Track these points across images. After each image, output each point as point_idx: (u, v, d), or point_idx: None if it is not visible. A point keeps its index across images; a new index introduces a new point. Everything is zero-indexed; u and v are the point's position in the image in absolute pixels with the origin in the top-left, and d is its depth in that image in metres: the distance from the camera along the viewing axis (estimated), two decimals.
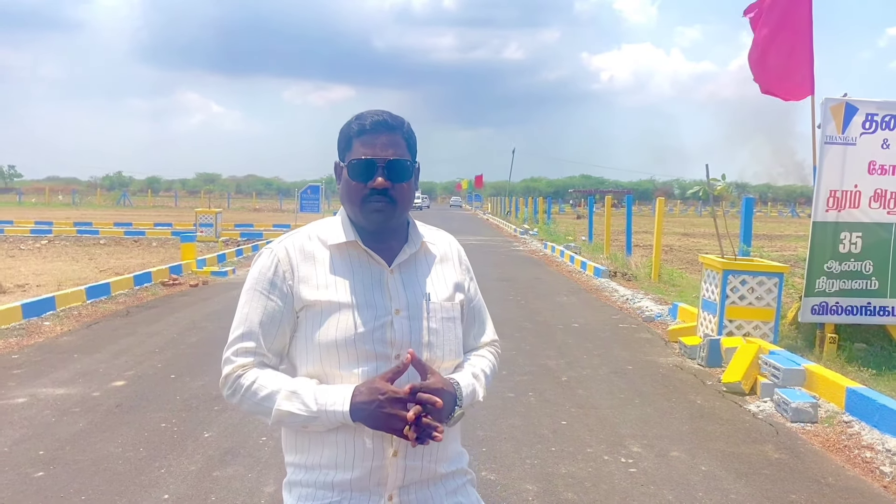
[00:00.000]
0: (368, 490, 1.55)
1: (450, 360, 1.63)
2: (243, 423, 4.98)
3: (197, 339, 7.64)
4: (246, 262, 15.95)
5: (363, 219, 1.58)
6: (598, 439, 4.83)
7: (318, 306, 1.56)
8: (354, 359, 1.54)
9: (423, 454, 1.57)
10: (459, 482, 1.68)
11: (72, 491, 3.85)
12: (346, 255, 1.61)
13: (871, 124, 6.99)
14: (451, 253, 1.74)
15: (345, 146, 1.62)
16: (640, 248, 18.05)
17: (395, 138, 1.59)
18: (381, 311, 1.56)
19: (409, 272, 1.63)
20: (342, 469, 1.54)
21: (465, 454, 1.74)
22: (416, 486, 1.58)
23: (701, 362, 7.02)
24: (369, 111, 1.61)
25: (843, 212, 7.03)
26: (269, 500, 3.80)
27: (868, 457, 4.61)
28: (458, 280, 1.71)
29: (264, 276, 1.60)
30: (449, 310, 1.65)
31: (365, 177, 1.55)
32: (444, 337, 1.62)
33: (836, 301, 7.09)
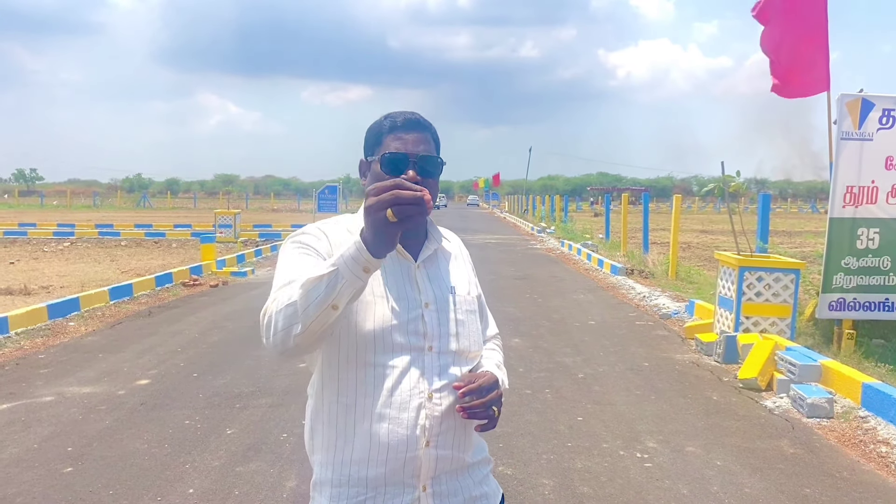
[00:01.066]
0: (402, 483, 1.56)
1: (475, 351, 1.70)
2: (265, 419, 5.08)
3: (218, 339, 7.77)
4: (265, 262, 16.10)
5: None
6: (613, 435, 4.88)
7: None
8: (390, 349, 1.56)
9: (452, 444, 1.60)
10: (484, 471, 1.73)
11: (100, 486, 3.96)
12: None
13: (888, 119, 6.98)
14: (462, 251, 1.83)
15: (374, 142, 1.65)
16: (658, 245, 18.02)
17: (426, 136, 1.64)
18: (413, 304, 1.60)
19: (432, 267, 1.68)
20: (374, 464, 1.55)
21: (483, 443, 1.78)
22: (446, 477, 1.61)
23: (717, 359, 7.04)
24: (400, 110, 1.66)
25: (860, 208, 7.02)
26: (291, 494, 3.89)
27: (884, 452, 4.63)
28: (470, 276, 1.79)
29: (301, 242, 1.59)
30: (471, 303, 1.72)
31: (397, 171, 1.56)
32: (469, 328, 1.68)
33: (854, 297, 7.08)
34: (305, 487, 3.92)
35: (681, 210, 14.32)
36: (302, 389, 5.45)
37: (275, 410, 5.30)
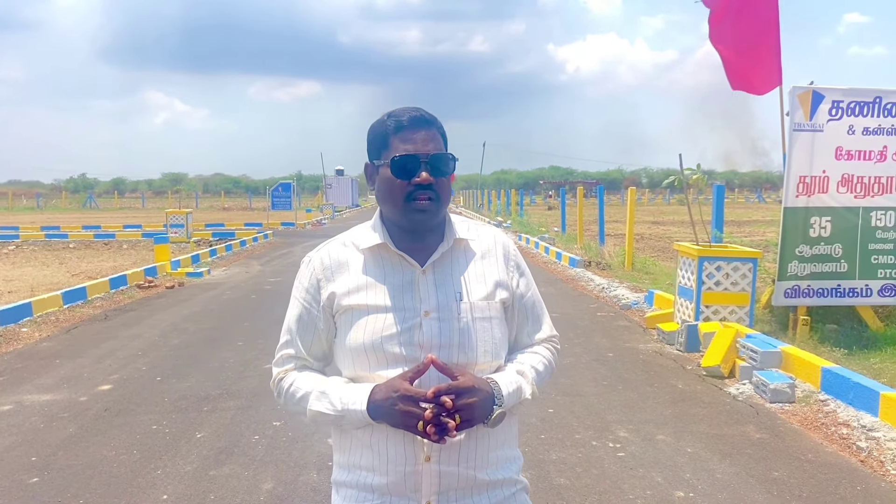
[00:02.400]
0: (406, 496, 1.54)
1: (485, 362, 1.58)
2: (235, 422, 5.01)
3: (179, 342, 7.62)
4: (220, 261, 15.86)
5: (405, 218, 1.55)
6: (585, 425, 4.94)
7: (350, 310, 1.58)
8: (384, 362, 1.54)
9: (459, 460, 1.53)
10: (507, 492, 1.62)
11: (69, 495, 3.86)
12: (378, 258, 1.60)
13: (837, 111, 7.19)
14: (496, 249, 1.67)
15: (380, 145, 1.57)
16: (613, 237, 18.26)
17: (433, 132, 1.56)
18: (410, 314, 1.55)
19: (442, 271, 1.59)
20: (378, 473, 1.55)
21: (517, 460, 1.67)
22: (455, 494, 1.55)
23: (679, 348, 7.18)
24: (401, 108, 1.58)
25: (812, 197, 7.22)
26: (268, 496, 3.84)
27: (845, 433, 4.78)
28: (500, 277, 1.64)
29: (301, 285, 1.66)
30: (484, 309, 1.59)
31: (409, 173, 1.52)
32: (477, 338, 1.57)
33: (808, 284, 7.29)
34: (282, 490, 3.91)
35: (635, 202, 14.54)
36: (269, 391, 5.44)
37: (244, 412, 5.23)
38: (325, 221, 33.97)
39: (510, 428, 1.65)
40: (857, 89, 7.27)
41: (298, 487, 3.95)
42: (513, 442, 1.67)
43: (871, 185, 7.27)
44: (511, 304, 1.67)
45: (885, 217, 7.34)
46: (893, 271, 7.38)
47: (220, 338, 7.77)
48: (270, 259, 16.53)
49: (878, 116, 7.22)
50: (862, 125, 7.21)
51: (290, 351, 1.66)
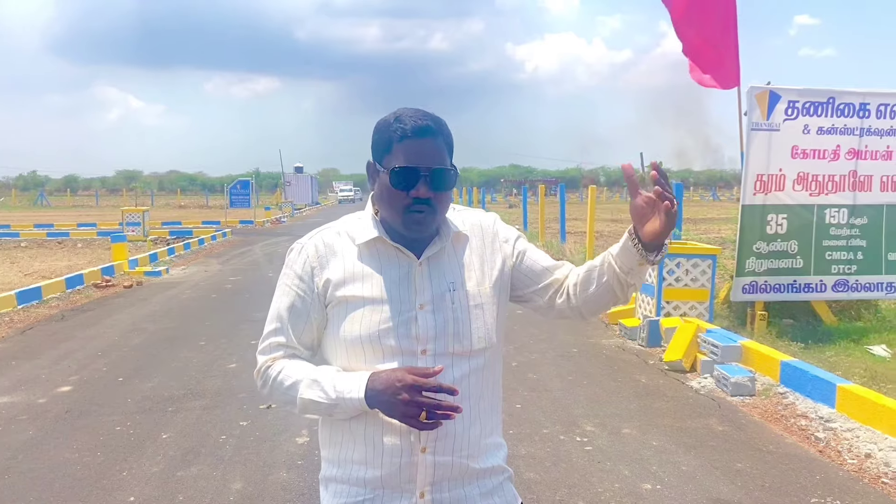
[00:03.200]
0: (400, 488, 1.54)
1: (479, 347, 1.59)
2: (200, 422, 4.95)
3: (140, 341, 7.49)
4: (179, 260, 15.64)
5: (402, 227, 1.55)
6: (552, 420, 5.00)
7: (344, 302, 1.57)
8: (380, 355, 1.54)
9: (453, 450, 1.55)
10: (496, 481, 1.64)
11: (31, 499, 3.77)
12: (374, 250, 1.59)
13: (793, 111, 7.37)
14: (483, 229, 1.68)
15: (384, 149, 1.56)
16: (573, 234, 18.46)
17: (438, 143, 1.54)
18: (406, 307, 1.55)
19: (437, 263, 1.60)
20: (372, 466, 1.54)
21: (502, 448, 1.69)
22: (448, 484, 1.56)
23: (642, 343, 7.30)
24: (410, 114, 1.54)
25: (769, 195, 7.39)
26: (238, 496, 3.81)
27: (803, 425, 4.92)
28: (488, 259, 1.65)
29: (293, 271, 1.62)
30: (476, 296, 1.60)
31: (408, 185, 1.51)
32: (471, 325, 1.58)
33: (765, 280, 7.46)
34: (252, 489, 3.88)
35: (595, 200, 14.72)
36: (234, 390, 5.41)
37: (210, 412, 5.17)
38: (285, 219, 33.66)
39: (497, 415, 1.68)
40: (812, 90, 7.46)
41: (268, 487, 3.93)
42: (499, 429, 1.70)
43: (825, 184, 7.47)
44: (509, 269, 1.67)
45: (839, 214, 7.55)
46: (846, 267, 7.60)
47: (182, 337, 7.66)
48: (230, 258, 16.34)
49: (832, 116, 7.43)
50: (816, 125, 7.41)
51: (280, 339, 1.62)
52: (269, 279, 12.27)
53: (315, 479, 4.02)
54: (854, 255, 7.60)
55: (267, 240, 21.46)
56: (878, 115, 7.51)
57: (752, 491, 3.91)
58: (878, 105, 7.51)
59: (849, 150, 7.49)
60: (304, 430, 4.75)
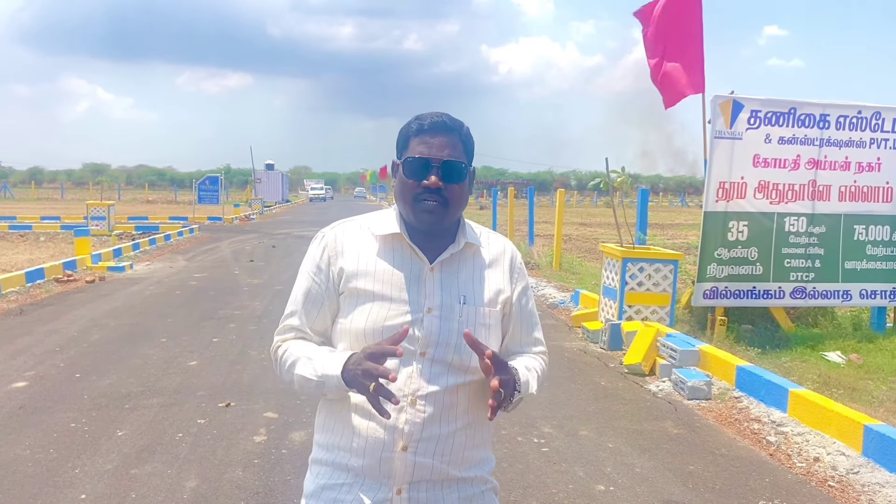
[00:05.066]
0: (378, 480, 1.58)
1: (476, 365, 1.58)
2: (157, 419, 4.91)
3: (99, 337, 7.40)
4: (144, 256, 15.43)
5: (414, 217, 1.60)
6: (511, 422, 5.03)
7: (355, 293, 1.61)
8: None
9: (434, 453, 1.57)
10: (477, 490, 1.66)
11: None
12: (390, 246, 1.64)
13: (755, 120, 7.51)
14: (503, 257, 1.72)
15: (402, 145, 1.64)
16: (542, 237, 18.57)
17: (453, 139, 1.60)
18: (414, 308, 1.58)
19: (449, 272, 1.64)
20: (356, 454, 1.59)
21: (489, 461, 1.72)
22: (427, 485, 1.59)
23: (603, 346, 7.38)
24: (429, 112, 1.63)
25: (731, 202, 7.52)
26: (192, 494, 3.78)
27: (756, 428, 5.02)
28: (502, 286, 1.69)
29: (312, 260, 1.69)
30: (485, 316, 1.64)
31: (419, 175, 1.57)
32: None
33: (726, 286, 7.59)
34: (206, 488, 3.86)
35: (564, 204, 14.83)
36: (193, 388, 5.38)
37: (167, 410, 5.12)
38: (254, 217, 33.40)
39: (488, 430, 1.70)
40: (774, 100, 7.60)
41: (223, 485, 3.91)
42: (487, 444, 1.72)
43: (785, 192, 7.62)
44: (508, 312, 1.72)
45: (798, 222, 7.71)
46: (804, 275, 7.76)
47: (143, 334, 7.57)
48: (196, 254, 16.17)
49: (793, 126, 7.58)
50: (778, 134, 7.56)
51: (295, 322, 1.69)
52: (236, 277, 12.18)
53: (271, 479, 4.02)
54: (812, 263, 7.77)
55: (235, 237, 21.28)
56: (837, 126, 7.69)
57: (702, 493, 3.98)
58: (837, 116, 7.69)
59: (809, 160, 7.65)
60: (262, 430, 4.74)
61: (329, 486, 1.62)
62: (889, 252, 7.93)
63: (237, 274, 12.52)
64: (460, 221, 1.69)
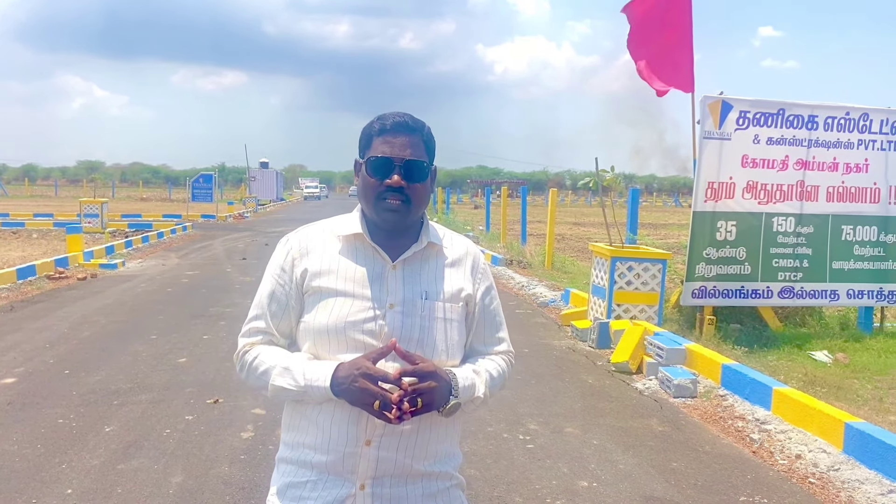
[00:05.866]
0: (342, 476, 1.59)
1: (442, 361, 1.63)
2: (145, 416, 4.93)
3: (90, 334, 7.41)
4: (136, 253, 15.43)
5: (377, 216, 1.64)
6: (497, 419, 5.07)
7: (319, 292, 1.64)
8: (344, 346, 1.60)
9: (398, 448, 1.59)
10: (442, 485, 1.67)
11: None
12: (353, 246, 1.67)
13: (744, 121, 7.56)
14: (466, 258, 1.75)
15: (365, 144, 1.67)
16: (535, 237, 18.61)
17: (415, 139, 1.64)
18: (376, 304, 1.61)
19: (412, 269, 1.67)
20: (320, 451, 1.60)
21: (456, 457, 1.74)
22: (391, 480, 1.60)
23: (592, 344, 7.42)
24: (391, 112, 1.66)
25: (719, 202, 7.56)
26: (178, 489, 3.81)
27: (740, 426, 5.07)
28: (465, 284, 1.72)
29: (277, 262, 1.71)
30: (448, 311, 1.67)
31: (382, 174, 1.61)
32: (437, 336, 1.64)
33: (714, 285, 7.63)
34: (192, 483, 3.89)
35: (556, 203, 14.88)
36: (182, 385, 5.42)
37: (156, 406, 5.14)
38: (248, 215, 33.38)
39: (454, 426, 1.72)
40: (763, 101, 7.65)
41: (209, 481, 3.93)
42: (454, 440, 1.74)
43: (773, 192, 7.67)
44: (472, 312, 1.74)
45: (786, 222, 7.76)
46: (792, 274, 7.81)
47: (133, 331, 7.59)
48: (189, 252, 16.17)
49: (782, 127, 7.63)
50: (766, 135, 7.60)
51: (260, 324, 1.70)
52: (227, 274, 12.19)
53: (257, 475, 4.05)
54: (800, 263, 7.82)
55: (228, 235, 21.28)
56: (825, 127, 7.74)
57: (684, 489, 4.02)
58: (825, 118, 7.74)
59: (797, 161, 7.70)
60: (250, 426, 4.76)
61: (294, 485, 1.64)
62: (876, 252, 7.99)
63: (229, 272, 12.53)
64: (423, 221, 1.71)
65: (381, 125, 1.65)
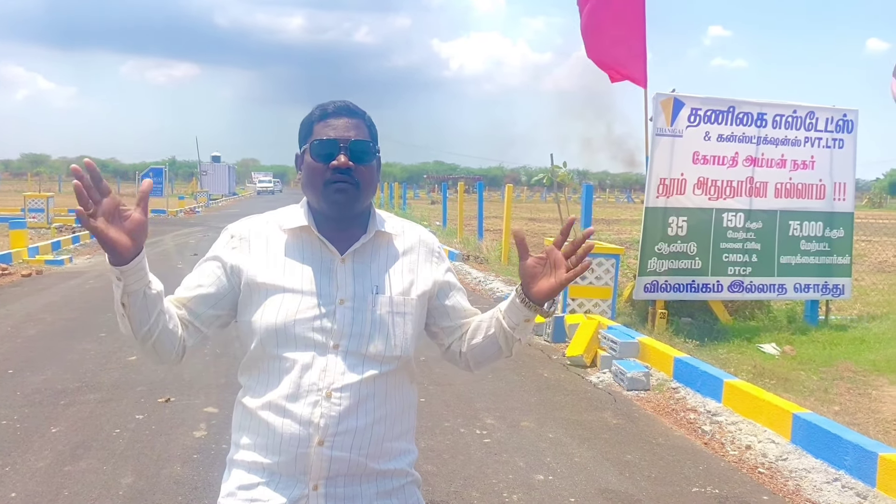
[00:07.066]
0: (294, 477, 1.55)
1: (394, 356, 1.59)
2: (94, 416, 4.81)
3: (35, 332, 7.20)
4: (84, 249, 15.06)
5: (324, 203, 1.57)
6: (454, 414, 5.08)
7: (264, 288, 1.57)
8: (293, 343, 1.54)
9: (351, 446, 1.54)
10: (397, 483, 1.64)
11: None
12: (299, 240, 1.61)
13: (695, 118, 7.69)
14: (419, 246, 1.70)
15: (306, 133, 1.61)
16: (491, 232, 18.67)
17: (358, 122, 1.60)
18: (325, 300, 1.56)
19: (362, 262, 1.61)
20: (271, 452, 1.56)
21: (411, 453, 1.70)
22: (344, 479, 1.56)
23: (547, 338, 7.48)
24: (330, 101, 1.62)
25: (671, 198, 7.69)
26: (128, 490, 3.72)
27: (692, 418, 5.16)
28: (419, 272, 1.67)
29: (216, 250, 1.65)
30: (399, 304, 1.61)
31: (327, 157, 1.55)
32: (389, 331, 1.59)
33: (666, 280, 7.76)
34: (143, 483, 3.81)
35: (512, 199, 14.95)
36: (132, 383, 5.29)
37: (104, 406, 5.02)
38: (199, 210, 32.83)
39: (407, 421, 1.68)
40: (714, 98, 7.80)
41: (161, 481, 3.85)
42: (409, 436, 1.70)
43: (723, 188, 7.83)
44: (436, 293, 1.70)
45: (735, 218, 7.92)
46: (741, 269, 7.98)
47: (81, 328, 7.40)
48: None
49: (731, 124, 7.79)
50: (717, 132, 7.75)
51: (180, 295, 1.63)
52: (179, 270, 11.96)
53: (210, 474, 3.97)
54: (749, 258, 7.99)
55: (179, 230, 20.90)
56: (774, 125, 7.92)
57: (638, 481, 4.08)
58: (774, 115, 7.92)
59: (746, 158, 7.87)
60: (202, 424, 4.68)
61: (245, 486, 1.59)
62: (822, 247, 8.21)
63: (180, 268, 12.29)
64: (371, 211, 1.66)
65: (321, 111, 1.60)
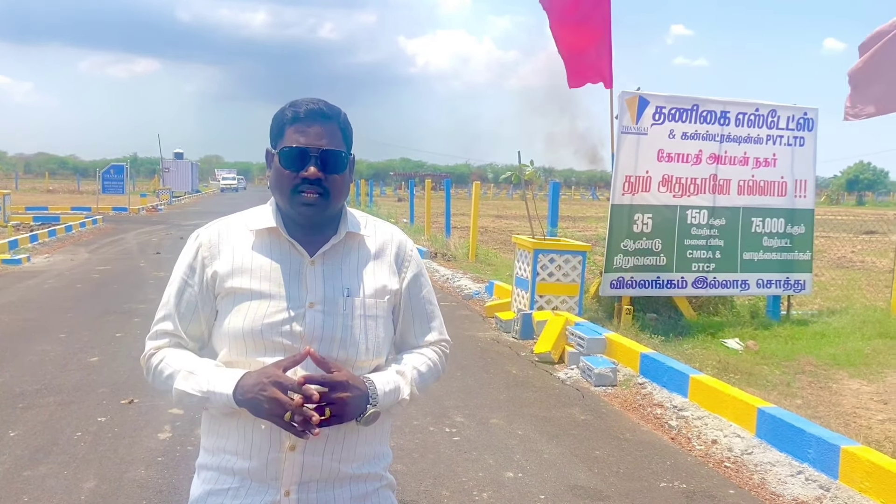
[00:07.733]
0: (266, 483, 1.52)
1: (366, 360, 1.57)
2: (53, 419, 4.70)
3: None
4: (42, 248, 14.72)
5: (293, 210, 1.54)
6: (423, 412, 5.06)
7: (232, 293, 1.54)
8: (262, 349, 1.51)
9: (324, 451, 1.52)
10: (371, 487, 1.61)
11: None
12: (267, 241, 1.57)
13: (660, 116, 7.76)
14: (390, 246, 1.66)
15: (277, 133, 1.56)
16: (458, 229, 18.69)
17: (331, 127, 1.54)
18: (295, 304, 1.52)
19: (332, 264, 1.57)
20: (242, 457, 1.53)
21: (385, 457, 1.68)
22: (317, 485, 1.53)
23: (515, 335, 7.50)
24: (304, 99, 1.55)
25: (636, 195, 7.75)
26: (90, 495, 3.64)
27: (658, 413, 5.21)
28: (389, 276, 1.63)
29: (185, 261, 1.61)
30: (371, 307, 1.58)
31: (297, 166, 1.51)
32: (361, 335, 1.56)
33: (631, 276, 7.82)
34: (106, 488, 3.73)
35: (480, 196, 14.97)
36: (94, 385, 5.17)
37: (65, 409, 4.90)
38: (162, 207, 32.31)
39: (382, 425, 1.63)
40: (678, 97, 7.87)
41: (124, 485, 3.78)
42: (384, 439, 1.67)
43: (687, 186, 7.91)
44: (398, 303, 1.66)
45: (699, 215, 8.01)
46: (705, 265, 8.08)
47: (40, 329, 7.23)
48: (99, 246, 15.53)
49: (695, 123, 7.87)
50: (681, 130, 7.83)
51: (168, 326, 1.60)
52: (141, 269, 11.77)
53: (175, 477, 3.91)
54: (713, 254, 8.09)
55: (141, 228, 20.56)
56: (737, 123, 8.03)
57: (607, 477, 4.11)
58: (737, 113, 8.03)
59: (710, 155, 7.96)
60: (167, 426, 4.60)
61: (215, 492, 1.56)
62: (783, 244, 8.35)
63: (143, 266, 12.09)
64: (343, 211, 1.63)
65: (293, 112, 1.53)
